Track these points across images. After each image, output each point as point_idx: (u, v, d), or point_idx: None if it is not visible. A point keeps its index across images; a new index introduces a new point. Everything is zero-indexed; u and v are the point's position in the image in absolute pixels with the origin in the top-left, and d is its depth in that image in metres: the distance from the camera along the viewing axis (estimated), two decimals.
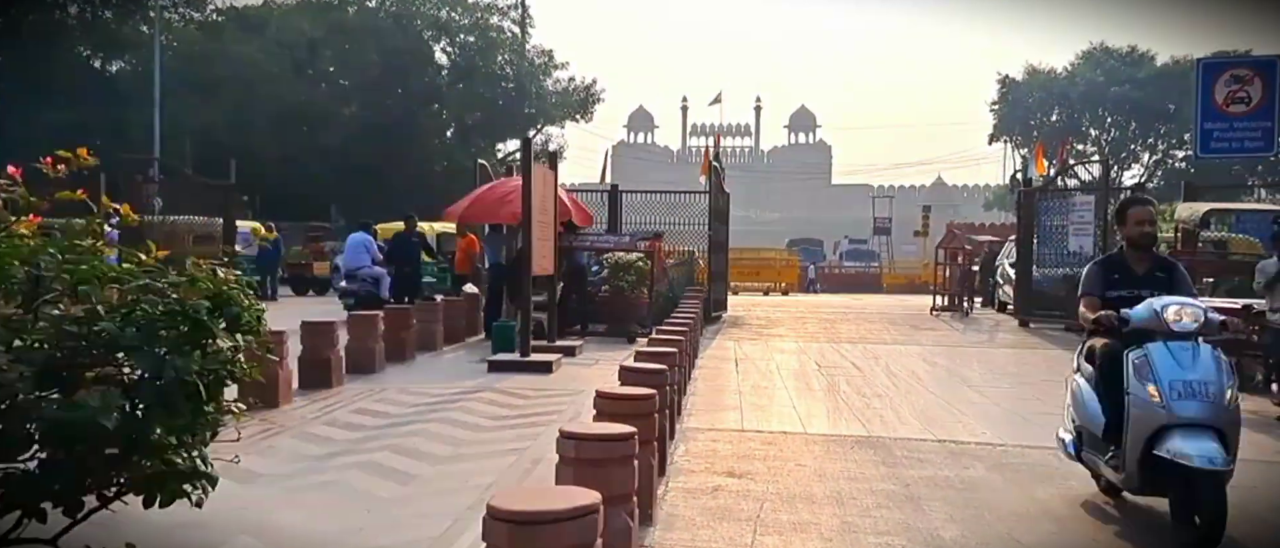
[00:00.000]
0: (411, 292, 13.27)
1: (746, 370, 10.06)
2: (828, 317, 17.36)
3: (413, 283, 13.48)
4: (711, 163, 15.05)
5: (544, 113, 46.29)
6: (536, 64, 45.58)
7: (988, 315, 17.81)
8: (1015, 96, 55.00)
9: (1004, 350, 12.61)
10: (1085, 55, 53.28)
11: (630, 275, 13.36)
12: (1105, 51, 52.76)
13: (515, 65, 44.94)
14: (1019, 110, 54.66)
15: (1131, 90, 49.57)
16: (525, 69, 44.86)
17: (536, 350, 10.27)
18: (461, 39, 44.75)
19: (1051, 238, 15.13)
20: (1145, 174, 50.62)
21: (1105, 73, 51.24)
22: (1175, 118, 49.56)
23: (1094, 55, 52.83)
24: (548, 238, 10.39)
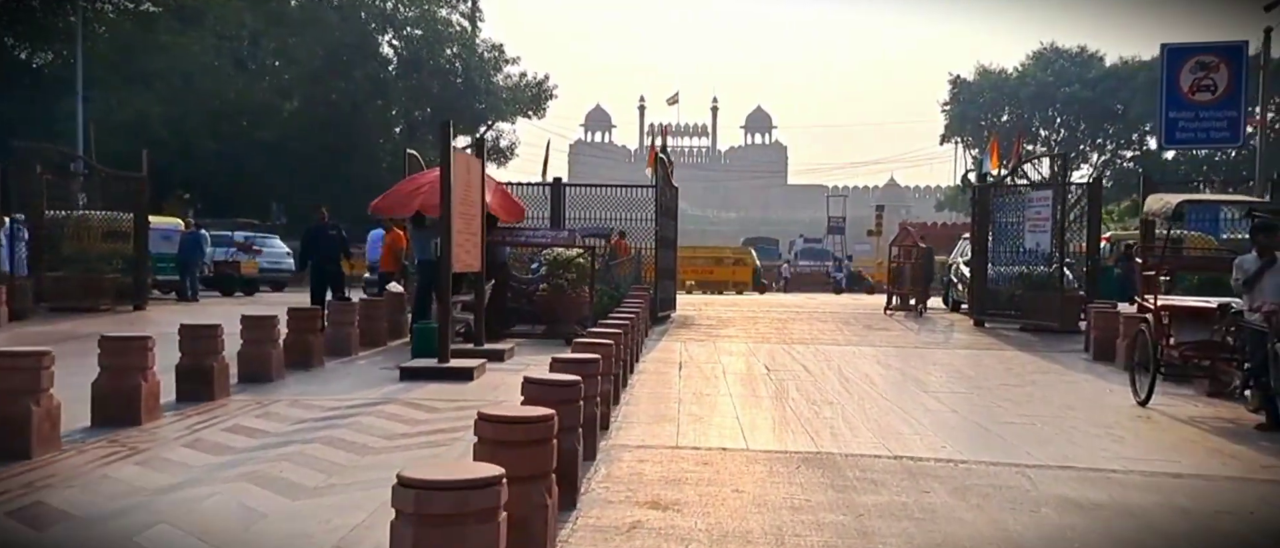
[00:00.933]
0: (333, 289, 12.25)
1: (690, 375, 9.30)
2: (780, 317, 16.70)
3: (335, 280, 12.45)
4: (658, 155, 14.26)
5: (495, 108, 45.15)
6: (486, 58, 44.46)
7: (942, 315, 17.32)
8: (966, 96, 55.35)
9: (960, 352, 12.03)
10: (1036, 56, 53.77)
11: (570, 273, 12.54)
12: (1055, 52, 53.30)
13: (464, 59, 43.75)
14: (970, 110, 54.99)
15: (1081, 90, 50.13)
16: (475, 63, 43.67)
17: (460, 355, 9.38)
18: (408, 32, 43.45)
19: (1007, 235, 14.64)
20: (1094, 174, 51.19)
21: (1055, 73, 51.76)
22: (1123, 118, 50.25)
23: (1044, 56, 53.33)
24: (474, 231, 9.51)
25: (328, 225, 12.65)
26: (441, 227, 8.54)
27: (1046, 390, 8.81)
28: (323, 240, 12.48)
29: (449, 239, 8.46)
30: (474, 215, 9.51)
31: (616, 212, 16.68)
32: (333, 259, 12.43)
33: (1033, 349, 12.15)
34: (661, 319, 14.96)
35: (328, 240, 12.49)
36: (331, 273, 12.37)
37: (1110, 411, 7.71)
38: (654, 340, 12.69)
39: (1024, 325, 14.11)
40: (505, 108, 45.48)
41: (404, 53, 43.13)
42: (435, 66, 42.89)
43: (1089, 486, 5.16)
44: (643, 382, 8.79)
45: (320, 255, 12.42)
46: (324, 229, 12.59)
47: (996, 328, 14.58)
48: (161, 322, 12.07)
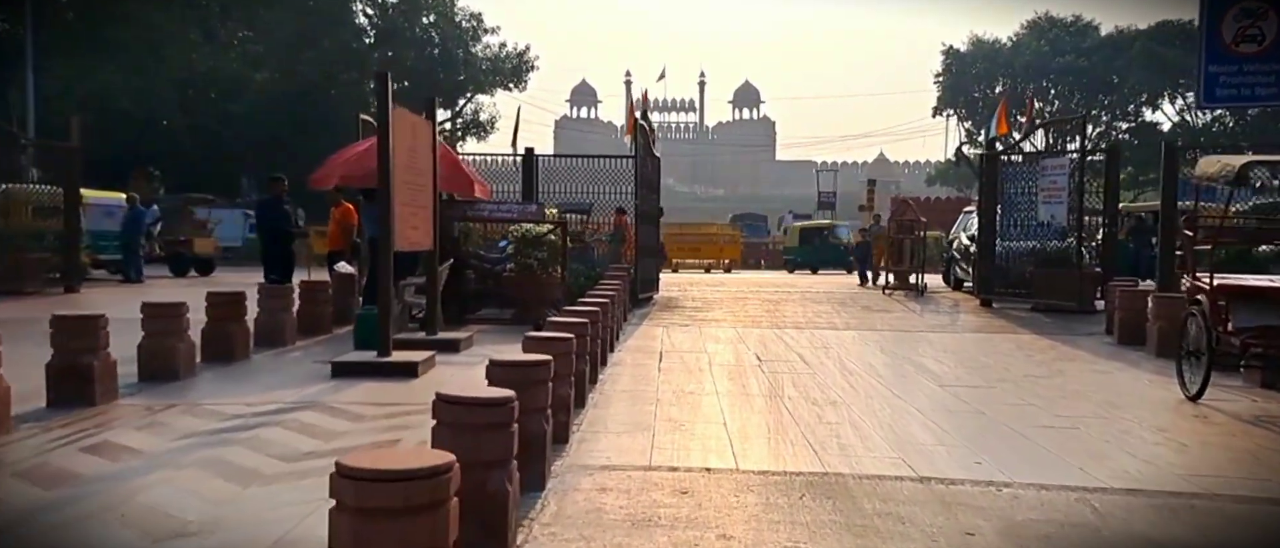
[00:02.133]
0: (279, 270, 11.02)
1: (671, 367, 8.15)
2: (771, 297, 15.57)
3: (283, 260, 11.21)
4: (639, 122, 13.01)
5: (474, 80, 43.66)
6: (465, 28, 42.88)
7: (944, 294, 16.23)
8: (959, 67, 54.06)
9: (970, 336, 10.93)
10: (1030, 25, 52.50)
11: (540, 252, 11.34)
12: (1050, 22, 52.04)
13: (442, 29, 42.18)
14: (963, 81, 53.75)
15: (1076, 60, 48.95)
16: (452, 33, 42.11)
17: (409, 347, 8.20)
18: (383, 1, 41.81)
19: (1017, 208, 13.52)
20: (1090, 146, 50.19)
21: (1050, 43, 50.54)
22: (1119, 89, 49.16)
23: (1039, 25, 52.08)
24: (424, 204, 8.30)
25: (281, 200, 11.40)
26: (380, 198, 7.32)
27: (1078, 383, 7.71)
28: (277, 216, 11.27)
29: (390, 213, 7.24)
30: (423, 186, 8.28)
31: (595, 185, 15.44)
32: (281, 237, 11.20)
33: (1049, 332, 11.07)
34: (643, 301, 13.81)
35: (282, 216, 11.28)
36: (279, 253, 11.13)
37: (1160, 409, 6.62)
38: (633, 325, 11.54)
39: (1036, 305, 13.04)
40: (485, 79, 43.96)
41: (379, 22, 41.54)
42: (411, 36, 41.31)
43: (1171, 519, 4.06)
44: (617, 376, 7.63)
45: (273, 232, 11.20)
46: (276, 204, 11.35)
47: (1006, 308, 13.50)
48: (84, 305, 10.82)
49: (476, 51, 43.76)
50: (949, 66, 54.91)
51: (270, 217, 11.19)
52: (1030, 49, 51.06)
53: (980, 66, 53.28)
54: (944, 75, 55.14)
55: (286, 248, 11.28)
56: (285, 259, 11.35)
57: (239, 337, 7.83)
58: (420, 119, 8.32)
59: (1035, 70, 50.96)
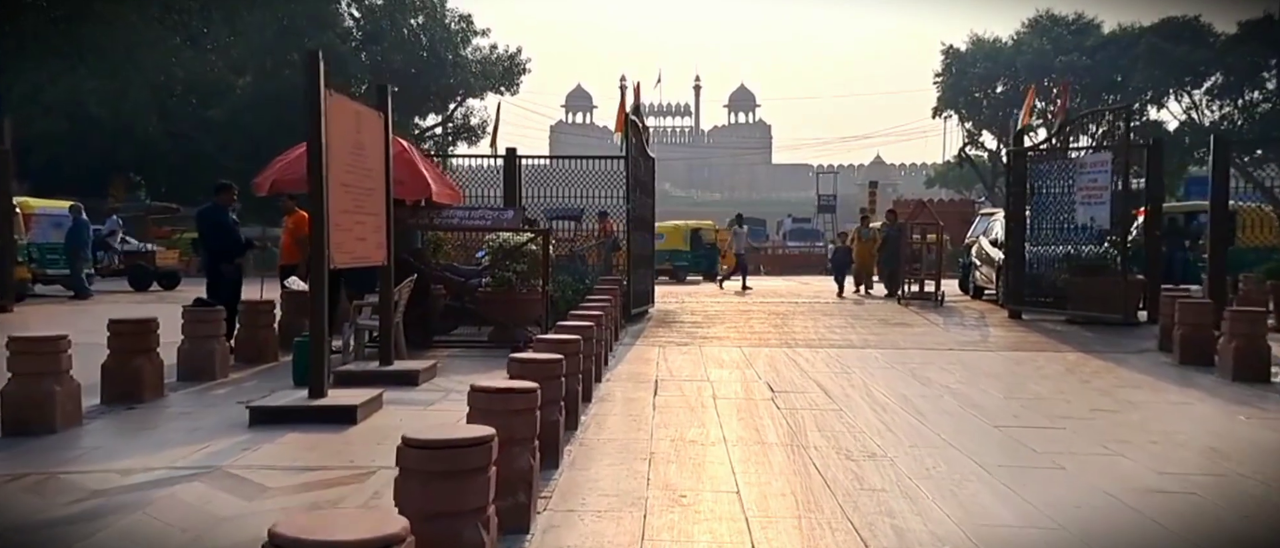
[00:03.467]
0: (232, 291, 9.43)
1: (669, 402, 6.84)
2: (777, 309, 14.26)
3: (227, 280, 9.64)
4: (628, 117, 11.69)
5: (464, 83, 42.38)
6: (454, 30, 41.61)
7: (965, 304, 14.92)
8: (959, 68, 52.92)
9: (1009, 356, 9.63)
10: (1031, 24, 51.40)
11: (520, 264, 10.03)
12: (1052, 20, 50.96)
13: (430, 31, 40.90)
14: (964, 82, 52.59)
15: (1079, 59, 47.85)
16: (441, 35, 40.82)
17: (357, 381, 6.89)
18: (369, 2, 40.52)
19: (1049, 209, 12.23)
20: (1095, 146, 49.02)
21: (1052, 42, 49.45)
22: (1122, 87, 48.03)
23: (1040, 23, 51.00)
24: (373, 211, 6.98)
25: (227, 208, 9.74)
26: (310, 203, 6.00)
27: (1160, 420, 6.41)
28: (222, 229, 9.58)
29: (322, 222, 5.92)
30: (372, 189, 6.97)
31: (583, 189, 14.16)
32: (229, 252, 9.58)
33: (1096, 350, 9.78)
34: (637, 316, 12.50)
35: (227, 230, 9.59)
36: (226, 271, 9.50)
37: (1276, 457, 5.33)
38: (625, 345, 10.24)
39: (1071, 317, 11.76)
40: (475, 83, 42.66)
41: (365, 24, 40.24)
42: (398, 38, 40.01)
43: None
44: (604, 415, 6.32)
45: (212, 247, 9.58)
46: (219, 213, 9.71)
47: (1038, 321, 12.21)
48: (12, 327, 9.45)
49: (466, 54, 42.52)
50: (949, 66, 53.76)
51: (216, 230, 9.59)
52: (1032, 48, 49.94)
53: (981, 66, 52.14)
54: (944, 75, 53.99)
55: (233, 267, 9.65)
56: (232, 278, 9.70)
57: (148, 373, 6.50)
58: (368, 110, 7.01)
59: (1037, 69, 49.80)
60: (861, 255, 17.60)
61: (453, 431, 3.23)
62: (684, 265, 25.67)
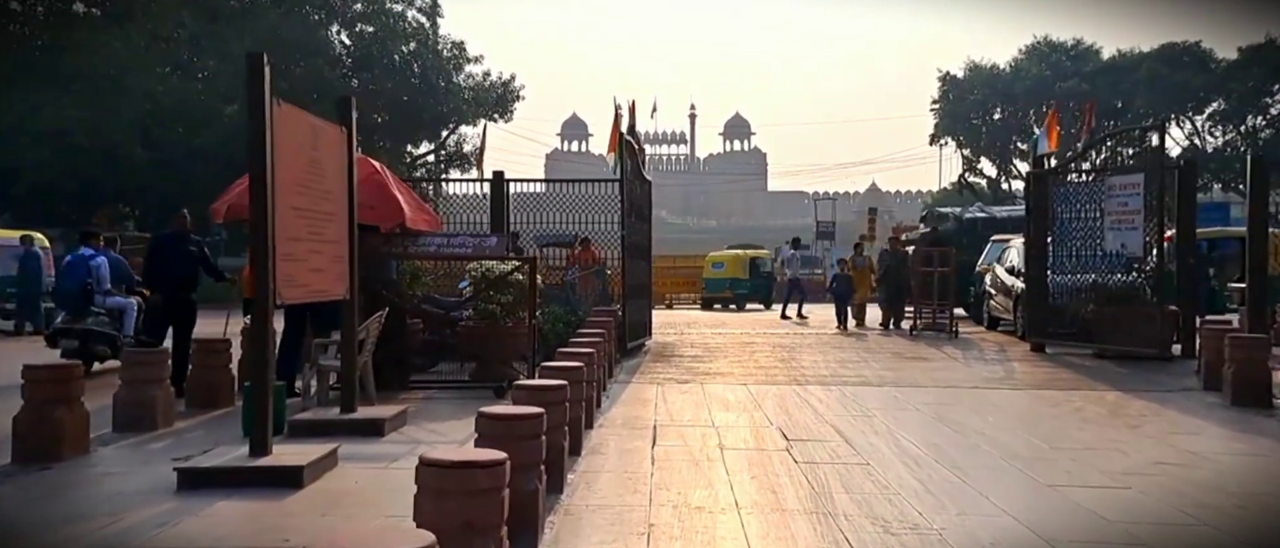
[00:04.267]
0: (174, 327, 8.64)
1: (669, 455, 5.98)
2: (782, 341, 13.43)
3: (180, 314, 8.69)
4: (623, 137, 10.91)
5: (457, 111, 41.75)
6: (447, 57, 41.02)
7: (981, 337, 14.08)
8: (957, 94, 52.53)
9: (1041, 396, 8.79)
10: (1029, 50, 51.11)
11: (505, 294, 9.18)
12: (1050, 46, 50.68)
13: (422, 57, 40.32)
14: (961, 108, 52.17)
15: (1078, 85, 47.47)
16: (433, 62, 40.23)
17: (315, 431, 6.04)
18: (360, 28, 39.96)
19: (1072, 235, 11.46)
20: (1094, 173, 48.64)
21: (1051, 67, 49.12)
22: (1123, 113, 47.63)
23: (1038, 49, 50.71)
24: (334, 237, 6.16)
25: (183, 237, 8.93)
26: (252, 230, 5.16)
27: (1236, 477, 5.57)
28: (176, 258, 8.72)
29: (267, 251, 5.09)
30: (332, 214, 6.15)
31: (576, 214, 13.36)
32: (184, 285, 8.75)
33: (1135, 389, 8.95)
34: (633, 350, 11.65)
35: (178, 258, 8.76)
36: (178, 304, 8.69)
37: None
38: (621, 383, 9.39)
39: (1100, 351, 10.93)
40: (468, 110, 42.04)
41: (355, 50, 39.66)
42: (389, 65, 39.41)
43: None
44: (594, 474, 5.46)
45: (169, 278, 8.76)
46: (175, 241, 8.89)
47: (1062, 354, 11.39)
48: None
49: (459, 81, 41.91)
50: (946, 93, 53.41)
51: (164, 260, 8.66)
52: (1030, 74, 49.62)
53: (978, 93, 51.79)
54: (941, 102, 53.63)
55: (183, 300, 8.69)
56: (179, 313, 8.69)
57: (69, 426, 5.62)
58: (327, 125, 6.20)
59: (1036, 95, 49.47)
60: (856, 285, 16.35)
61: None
62: (744, 294, 25.19)
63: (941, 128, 54.07)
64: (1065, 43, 50.73)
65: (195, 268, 8.78)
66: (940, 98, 53.41)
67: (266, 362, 5.19)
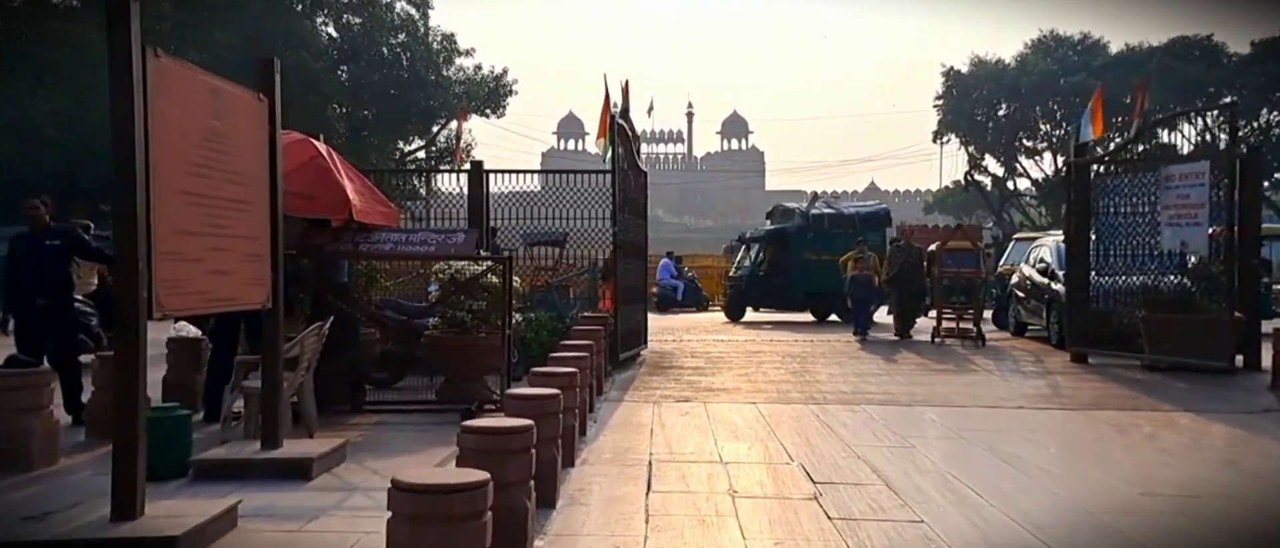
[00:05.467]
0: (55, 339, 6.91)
1: (667, 508, 4.73)
2: (790, 348, 12.18)
3: (58, 324, 6.79)
4: (614, 121, 9.63)
5: (447, 105, 40.46)
6: (436, 50, 39.72)
7: (1009, 343, 12.84)
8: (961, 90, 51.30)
9: (1100, 418, 7.56)
10: (1035, 44, 49.86)
11: (477, 300, 7.93)
12: (1056, 40, 49.45)
13: (411, 49, 39.02)
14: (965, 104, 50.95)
15: (1085, 80, 46.29)
16: (422, 54, 38.93)
17: (219, 474, 4.80)
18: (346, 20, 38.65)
19: (1119, 231, 10.23)
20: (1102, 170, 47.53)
21: (1057, 62, 47.91)
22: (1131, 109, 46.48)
23: (1044, 44, 49.46)
24: (248, 232, 4.91)
25: (39, 233, 6.80)
26: (115, 221, 3.90)
27: None
28: (31, 259, 6.73)
29: (136, 248, 3.83)
30: (246, 203, 4.89)
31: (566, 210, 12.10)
32: (52, 289, 6.84)
33: (1209, 409, 7.72)
34: (627, 361, 10.40)
35: (38, 260, 6.71)
36: (50, 312, 6.83)
37: None
38: (612, 401, 8.15)
39: (1150, 362, 9.71)
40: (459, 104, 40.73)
41: (341, 41, 38.35)
42: (377, 57, 38.12)
43: None
44: (572, 538, 4.21)
45: (26, 285, 6.76)
46: (30, 242, 6.80)
47: (1108, 365, 10.17)
48: None
49: (450, 74, 40.58)
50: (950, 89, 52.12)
51: (24, 263, 6.81)
52: (1037, 69, 48.32)
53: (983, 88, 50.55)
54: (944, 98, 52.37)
55: (58, 305, 6.88)
56: (57, 323, 6.90)
57: None
58: (239, 90, 4.94)
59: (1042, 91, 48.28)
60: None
61: None
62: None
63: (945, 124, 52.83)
64: (1072, 37, 49.53)
65: (65, 267, 7.13)
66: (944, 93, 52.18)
67: (135, 399, 3.93)
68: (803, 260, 17.64)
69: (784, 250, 17.93)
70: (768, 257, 18.16)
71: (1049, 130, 50.06)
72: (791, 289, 17.76)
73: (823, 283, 17.12)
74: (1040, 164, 51.44)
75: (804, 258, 17.62)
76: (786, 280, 17.79)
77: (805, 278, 17.52)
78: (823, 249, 17.31)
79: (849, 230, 17.50)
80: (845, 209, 19.15)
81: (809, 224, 18.03)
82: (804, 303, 17.91)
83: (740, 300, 18.32)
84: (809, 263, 17.50)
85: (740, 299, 18.30)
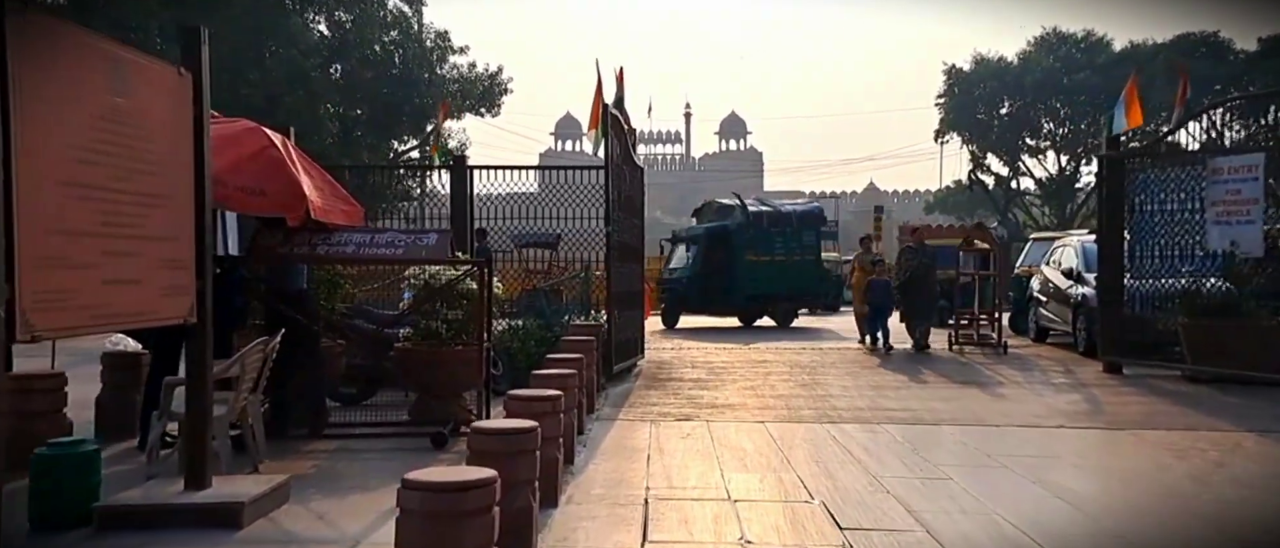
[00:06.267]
0: None
1: None
2: (798, 357, 11.35)
3: None
4: (607, 110, 8.77)
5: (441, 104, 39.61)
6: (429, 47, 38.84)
7: (1032, 351, 12.02)
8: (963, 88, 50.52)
9: (1152, 440, 6.75)
10: (1038, 41, 49.12)
11: (454, 309, 7.10)
12: (1059, 37, 48.72)
13: (403, 47, 38.14)
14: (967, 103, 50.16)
15: (1090, 77, 45.55)
16: (415, 51, 38.05)
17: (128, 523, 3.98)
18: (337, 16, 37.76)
19: (1157, 230, 9.42)
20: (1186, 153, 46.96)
21: (1061, 60, 47.18)
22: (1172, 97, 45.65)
23: (1048, 41, 48.71)
24: (165, 232, 4.08)
25: None
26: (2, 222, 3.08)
27: None
28: None
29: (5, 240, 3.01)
30: (162, 197, 4.07)
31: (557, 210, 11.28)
32: None
33: (1271, 427, 6.91)
34: (621, 374, 9.57)
35: None
36: None
37: None
38: (605, 420, 7.33)
39: (1194, 373, 8.90)
40: (453, 103, 39.87)
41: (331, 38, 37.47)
42: (368, 54, 37.23)
43: None
44: None
45: None
46: None
47: (1145, 376, 9.37)
48: None
49: (443, 73, 39.68)
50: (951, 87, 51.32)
51: None
52: (1040, 67, 47.56)
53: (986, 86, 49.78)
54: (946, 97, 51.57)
55: None
56: None
57: None
58: (149, 61, 4.11)
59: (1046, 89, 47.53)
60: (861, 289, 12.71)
61: None
62: None
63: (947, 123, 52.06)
64: (1075, 34, 48.81)
65: None
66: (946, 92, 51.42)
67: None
68: (745, 261, 16.28)
69: (724, 250, 16.35)
70: (706, 257, 16.52)
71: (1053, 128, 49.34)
72: (732, 292, 16.24)
73: (765, 285, 16.20)
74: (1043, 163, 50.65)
75: (746, 259, 16.29)
76: (728, 283, 16.20)
77: (749, 280, 16.20)
78: (763, 250, 16.33)
79: (787, 229, 16.66)
80: (783, 207, 17.91)
81: (750, 222, 16.66)
82: (745, 307, 16.56)
83: (677, 306, 16.62)
84: (751, 264, 16.27)
85: (677, 304, 16.63)
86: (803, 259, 16.83)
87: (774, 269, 16.39)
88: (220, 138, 5.80)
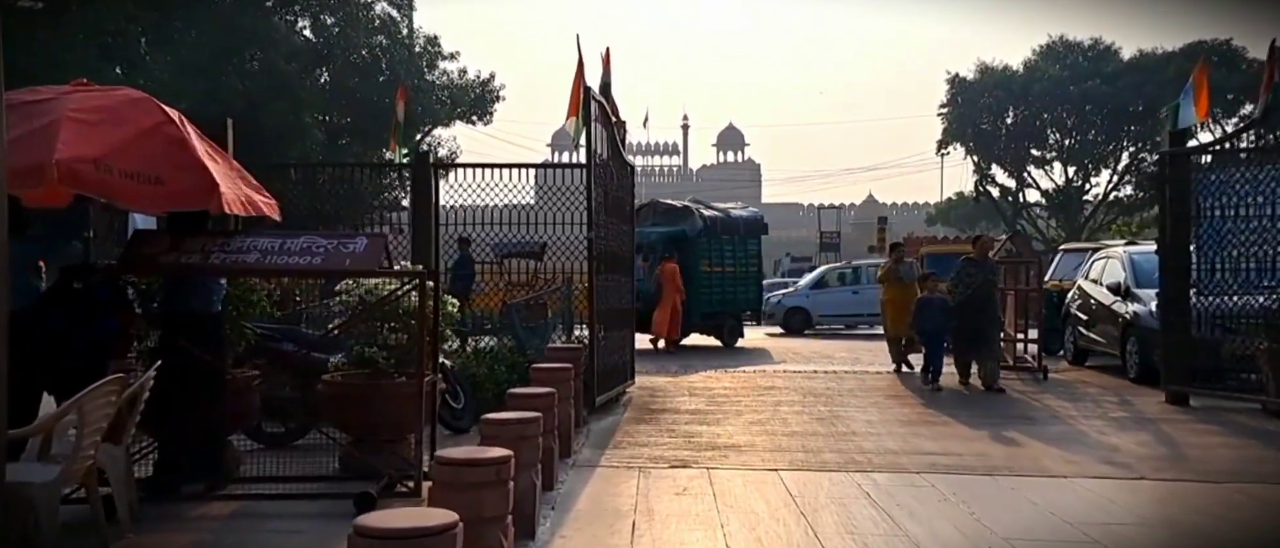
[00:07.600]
0: None
1: None
2: (812, 384, 9.99)
3: None
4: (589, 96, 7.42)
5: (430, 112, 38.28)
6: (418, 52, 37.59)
7: (1074, 376, 10.67)
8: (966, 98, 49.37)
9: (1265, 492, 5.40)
10: (1045, 50, 48.07)
11: (398, 330, 5.78)
12: (1066, 46, 47.68)
13: (391, 52, 36.86)
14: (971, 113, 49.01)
15: (1098, 86, 44.49)
16: (403, 57, 36.79)
17: None
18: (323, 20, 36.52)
19: (1228, 240, 8.11)
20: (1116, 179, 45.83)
21: (1068, 68, 46.12)
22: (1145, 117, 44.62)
23: (1054, 50, 47.68)
24: None
25: None
26: None
27: None
28: None
29: None
30: None
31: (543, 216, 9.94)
32: None
33: None
34: (606, 405, 8.20)
35: None
36: None
37: None
38: (583, 468, 5.99)
39: (1276, 406, 7.58)
40: (443, 111, 38.59)
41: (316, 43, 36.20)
42: (355, 59, 35.97)
43: None
44: None
45: None
46: None
47: (1217, 408, 8.03)
48: None
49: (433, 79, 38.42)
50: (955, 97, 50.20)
51: None
52: (1046, 76, 46.49)
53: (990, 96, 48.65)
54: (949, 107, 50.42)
55: None
56: None
57: None
58: None
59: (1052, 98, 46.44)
60: (894, 307, 10.80)
61: None
62: None
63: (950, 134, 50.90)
64: (1082, 42, 47.81)
65: None
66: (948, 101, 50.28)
67: None
68: (701, 273, 14.37)
69: (681, 259, 14.12)
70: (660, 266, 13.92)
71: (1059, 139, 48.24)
72: (689, 308, 14.13)
73: (720, 301, 14.61)
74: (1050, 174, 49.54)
75: (701, 269, 14.40)
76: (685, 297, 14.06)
77: (707, 294, 14.36)
78: (716, 259, 14.69)
79: (735, 237, 15.15)
80: (732, 212, 16.01)
81: (706, 227, 14.76)
82: (701, 325, 14.62)
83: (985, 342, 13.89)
84: (706, 275, 14.48)
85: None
86: (747, 271, 15.37)
87: (727, 281, 14.81)
88: (97, 111, 4.58)
